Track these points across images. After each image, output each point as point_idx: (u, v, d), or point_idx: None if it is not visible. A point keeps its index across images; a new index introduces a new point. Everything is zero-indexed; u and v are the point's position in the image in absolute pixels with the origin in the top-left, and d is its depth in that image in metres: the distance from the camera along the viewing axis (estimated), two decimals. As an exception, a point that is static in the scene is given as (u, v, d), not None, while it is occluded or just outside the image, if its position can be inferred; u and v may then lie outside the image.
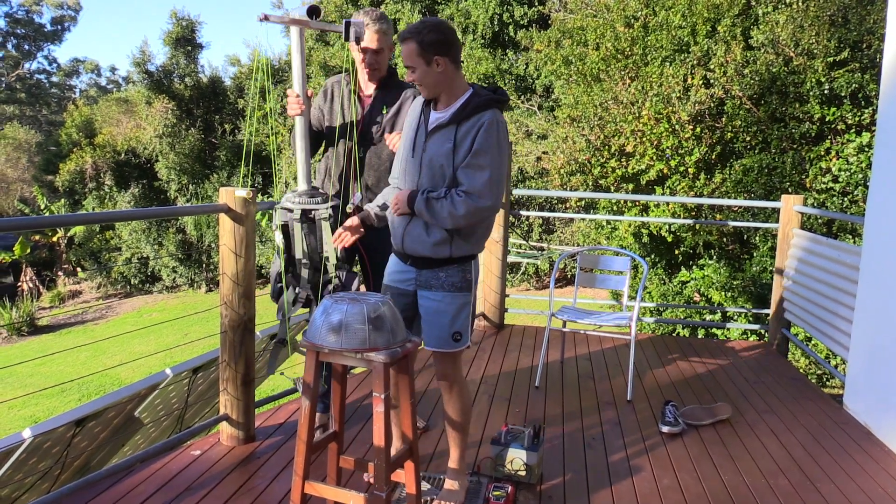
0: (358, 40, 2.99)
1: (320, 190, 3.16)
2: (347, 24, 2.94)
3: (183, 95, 19.73)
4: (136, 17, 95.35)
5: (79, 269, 20.94)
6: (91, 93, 42.93)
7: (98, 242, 20.03)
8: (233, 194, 3.04)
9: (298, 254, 3.05)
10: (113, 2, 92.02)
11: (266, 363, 4.68)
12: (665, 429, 3.51)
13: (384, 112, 3.19)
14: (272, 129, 18.76)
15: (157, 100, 19.11)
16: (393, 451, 2.71)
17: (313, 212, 3.02)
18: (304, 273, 3.07)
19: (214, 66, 44.01)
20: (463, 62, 15.43)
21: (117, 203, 19.58)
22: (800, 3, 7.55)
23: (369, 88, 3.22)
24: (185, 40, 19.76)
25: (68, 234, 20.45)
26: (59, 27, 41.92)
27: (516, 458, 2.91)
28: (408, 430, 2.38)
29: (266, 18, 2.84)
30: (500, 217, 5.20)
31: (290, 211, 3.03)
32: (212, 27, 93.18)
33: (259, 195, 18.58)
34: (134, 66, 19.53)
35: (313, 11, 2.96)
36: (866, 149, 6.91)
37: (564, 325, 4.50)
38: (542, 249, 14.15)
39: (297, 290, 3.10)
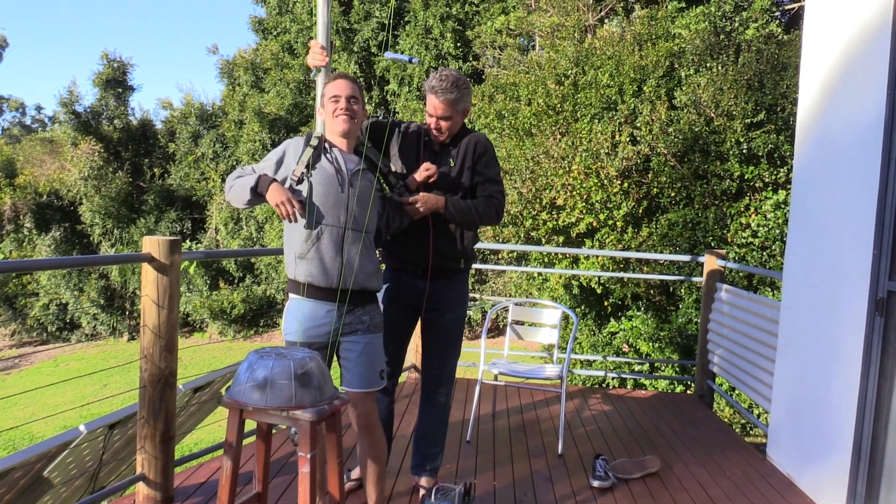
0: None
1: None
2: None
3: (111, 137, 19.25)
4: (65, 57, 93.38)
5: (-9, 316, 19.87)
6: (14, 131, 41.53)
7: (14, 287, 19.11)
8: (157, 243, 2.95)
9: None
10: (41, 40, 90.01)
11: (189, 417, 4.49)
12: (596, 483, 3.51)
13: (452, 164, 3.08)
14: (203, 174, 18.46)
15: (83, 141, 18.58)
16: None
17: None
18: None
19: (145, 109, 43.17)
20: (398, 113, 15.61)
21: (37, 247, 18.78)
22: (719, 68, 7.95)
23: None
24: (116, 82, 19.37)
25: (-19, 279, 19.45)
26: (-17, 64, 40.59)
27: (446, 517, 2.85)
28: (335, 491, 2.31)
29: None
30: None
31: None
32: (144, 70, 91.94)
33: (188, 241, 18.14)
34: (61, 105, 18.98)
35: None
36: (783, 206, 7.24)
37: (496, 378, 4.49)
38: (474, 300, 14.20)
39: None
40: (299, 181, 2.59)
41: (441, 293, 3.16)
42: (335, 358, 2.73)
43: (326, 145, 2.66)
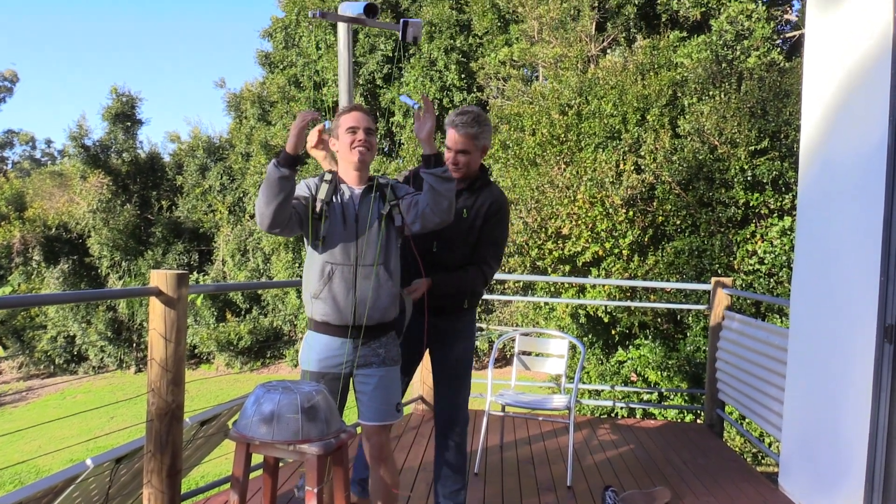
0: (415, 41, 2.94)
1: None
2: (405, 24, 2.85)
3: (119, 171, 19.43)
4: (75, 91, 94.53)
5: (-1, 348, 19.91)
6: (24, 165, 41.95)
7: (22, 320, 19.16)
8: (164, 276, 2.96)
9: None
10: (51, 75, 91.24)
11: (196, 450, 4.46)
12: (605, 515, 3.47)
13: (464, 215, 3.01)
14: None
15: (92, 174, 18.76)
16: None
17: None
18: None
19: (153, 142, 43.51)
20: (402, 145, 15.72)
21: (45, 279, 18.87)
22: (722, 96, 8.00)
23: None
24: (125, 116, 19.60)
25: (-11, 312, 19.50)
26: (-6, 98, 41.16)
27: (454, 551, 2.82)
28: (341, 525, 2.29)
29: (322, 16, 2.80)
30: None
31: None
32: (153, 103, 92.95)
33: (195, 273, 18.20)
34: (70, 139, 19.21)
35: (371, 10, 2.88)
36: (788, 232, 7.24)
37: (503, 409, 4.47)
38: (480, 329, 14.16)
39: None
40: (320, 217, 2.62)
41: (447, 328, 3.13)
42: (351, 391, 2.73)
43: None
